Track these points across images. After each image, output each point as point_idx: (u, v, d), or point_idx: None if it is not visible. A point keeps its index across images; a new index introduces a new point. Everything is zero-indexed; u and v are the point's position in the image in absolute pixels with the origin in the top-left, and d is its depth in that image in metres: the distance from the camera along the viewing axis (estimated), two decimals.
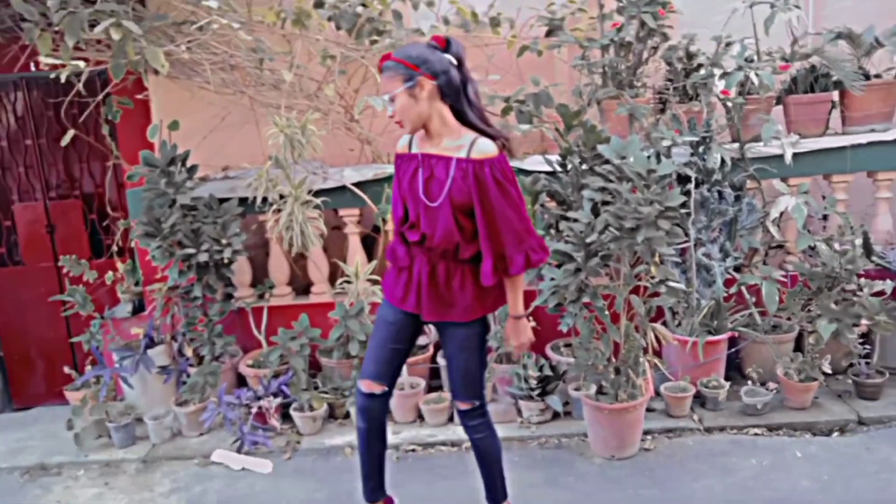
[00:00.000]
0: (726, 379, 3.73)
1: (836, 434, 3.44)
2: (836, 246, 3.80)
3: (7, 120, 4.60)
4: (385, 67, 2.29)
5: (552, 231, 3.68)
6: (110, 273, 4.24)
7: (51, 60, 3.11)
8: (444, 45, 2.32)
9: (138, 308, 4.28)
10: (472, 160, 2.28)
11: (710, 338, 3.66)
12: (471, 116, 2.33)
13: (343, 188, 3.95)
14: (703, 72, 3.87)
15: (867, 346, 3.67)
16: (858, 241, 3.77)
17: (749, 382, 3.69)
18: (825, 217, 4.08)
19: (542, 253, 2.37)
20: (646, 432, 3.45)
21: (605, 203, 3.21)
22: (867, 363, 3.65)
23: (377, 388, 2.53)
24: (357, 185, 3.95)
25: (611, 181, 3.19)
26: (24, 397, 4.75)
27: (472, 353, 2.48)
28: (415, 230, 2.41)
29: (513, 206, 2.29)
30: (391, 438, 3.55)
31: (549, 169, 3.81)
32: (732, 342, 3.84)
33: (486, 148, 2.28)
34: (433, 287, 2.40)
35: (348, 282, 3.91)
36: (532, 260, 2.33)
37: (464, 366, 2.49)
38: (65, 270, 4.16)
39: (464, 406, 2.55)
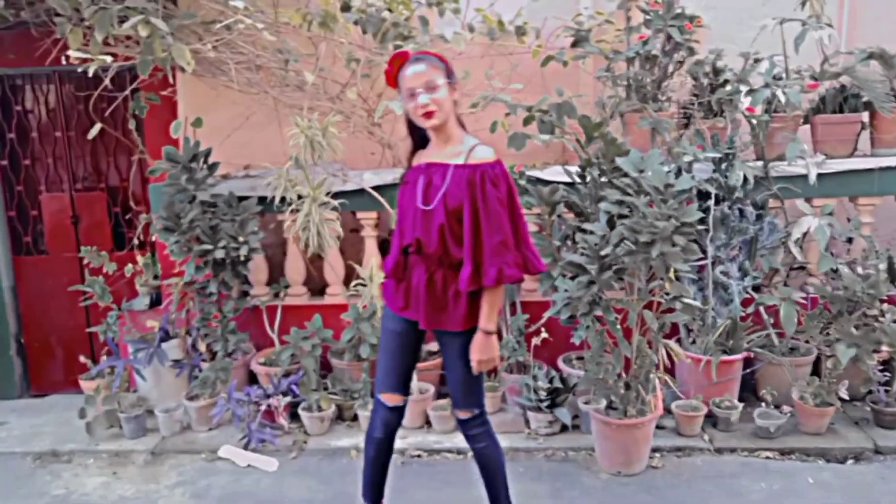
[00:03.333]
0: (740, 400, 3.67)
1: (850, 462, 3.36)
2: (860, 269, 3.73)
3: (39, 111, 4.70)
4: (420, 58, 2.32)
5: (568, 242, 3.66)
6: (130, 265, 4.29)
7: (79, 54, 3.17)
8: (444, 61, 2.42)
9: (156, 301, 4.34)
10: (468, 165, 2.30)
11: (725, 357, 3.60)
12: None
13: (362, 191, 3.96)
14: (729, 88, 3.82)
15: (887, 374, 3.58)
16: (883, 266, 3.70)
17: (763, 404, 3.62)
18: (850, 240, 4.00)
19: (516, 271, 2.29)
20: (654, 450, 3.40)
21: (622, 216, 3.19)
22: (886, 391, 3.56)
23: (399, 401, 2.56)
24: (376, 188, 3.97)
25: (628, 194, 3.17)
26: (42, 384, 4.83)
27: (465, 361, 2.43)
28: (411, 236, 2.41)
29: (496, 216, 2.26)
30: (398, 443, 3.51)
31: (567, 180, 3.79)
32: (748, 363, 3.78)
33: (483, 154, 2.31)
34: (430, 295, 2.39)
35: (363, 284, 3.91)
36: (504, 274, 2.26)
37: (461, 374, 2.46)
38: (86, 261, 4.23)
39: (463, 415, 2.54)
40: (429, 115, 2.28)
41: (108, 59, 3.20)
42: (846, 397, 3.49)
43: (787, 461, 3.38)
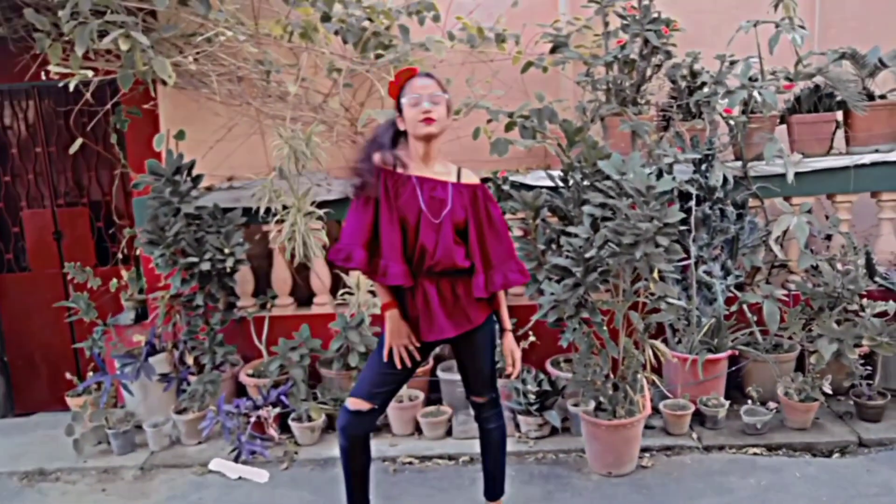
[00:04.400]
0: (726, 398, 3.71)
1: (836, 455, 3.41)
2: (839, 266, 3.80)
3: (18, 127, 4.67)
4: (429, 74, 2.48)
5: (553, 246, 3.69)
6: (114, 280, 4.27)
7: (59, 69, 3.16)
8: None
9: (141, 316, 4.32)
10: (466, 185, 2.51)
11: (711, 356, 3.65)
12: None
13: (347, 199, 3.94)
14: (706, 90, 3.88)
15: (869, 368, 3.64)
16: (861, 262, 3.77)
17: (749, 401, 3.67)
18: (828, 237, 4.07)
19: (519, 275, 2.54)
20: (644, 449, 3.43)
21: (606, 219, 3.22)
22: (869, 384, 3.62)
23: (365, 406, 2.50)
24: None
25: (611, 197, 3.21)
26: (26, 402, 4.77)
27: (488, 350, 2.64)
28: (414, 250, 2.45)
29: (500, 229, 2.53)
30: (389, 451, 3.58)
31: (551, 184, 3.82)
32: (733, 361, 3.82)
33: (472, 174, 2.56)
34: (445, 306, 2.50)
35: (350, 293, 3.92)
36: (509, 279, 2.51)
37: (483, 364, 2.64)
38: (69, 277, 4.20)
39: (482, 399, 2.70)
40: (429, 120, 2.38)
41: (90, 73, 3.18)
42: (830, 392, 3.54)
43: (775, 457, 3.42)
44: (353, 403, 2.52)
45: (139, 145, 4.33)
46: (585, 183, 3.57)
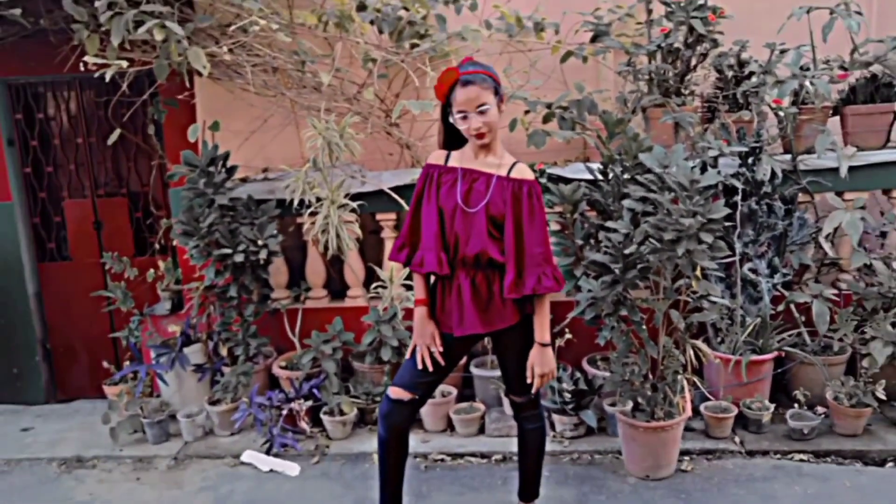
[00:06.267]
0: (771, 401, 3.56)
1: (889, 465, 3.25)
2: (895, 265, 3.61)
3: (60, 118, 4.73)
4: (476, 78, 2.31)
5: (591, 241, 3.59)
6: (151, 270, 4.30)
7: (95, 60, 3.17)
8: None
9: (177, 306, 4.34)
10: (514, 179, 2.40)
11: (755, 357, 3.50)
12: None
13: (380, 192, 3.92)
14: (754, 80, 3.72)
15: None
16: None
17: (796, 405, 3.52)
18: (883, 234, 3.87)
19: (553, 283, 2.40)
20: (683, 453, 3.32)
21: (646, 214, 3.11)
22: None
23: (406, 396, 2.51)
24: (395, 189, 3.92)
25: (652, 191, 3.09)
26: (68, 389, 4.86)
27: (522, 350, 2.51)
28: (449, 239, 2.44)
29: (540, 230, 2.40)
30: (420, 447, 3.53)
31: (590, 177, 3.72)
32: (779, 362, 3.67)
33: (526, 171, 2.43)
34: (477, 301, 2.44)
35: (383, 286, 3.88)
36: (542, 284, 2.38)
37: (517, 363, 2.53)
38: (107, 266, 4.25)
39: (520, 399, 2.63)
40: (480, 136, 2.36)
41: (125, 63, 3.19)
42: (883, 397, 3.37)
43: (822, 464, 3.28)
44: (395, 392, 2.52)
45: (176, 136, 4.34)
46: (626, 176, 3.45)
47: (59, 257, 4.83)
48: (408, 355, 2.59)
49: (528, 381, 2.49)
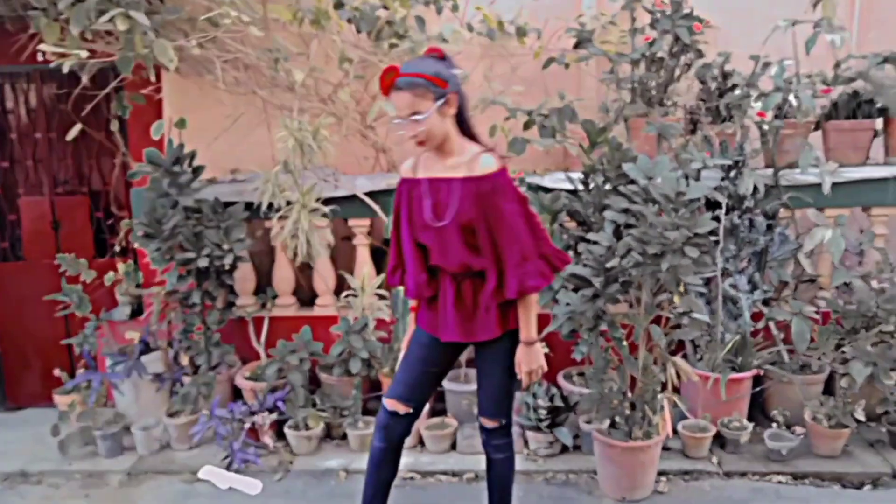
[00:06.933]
0: (749, 420, 3.49)
1: (867, 487, 3.18)
2: (874, 283, 3.57)
3: (18, 112, 4.50)
4: (408, 84, 2.13)
5: (570, 253, 3.48)
6: (110, 273, 4.09)
7: (52, 49, 2.98)
8: (443, 56, 2.25)
9: (137, 311, 4.14)
10: (475, 178, 2.21)
11: (734, 375, 3.42)
12: (472, 130, 2.32)
13: (354, 197, 3.78)
14: (738, 92, 3.67)
15: None
16: None
17: (774, 425, 3.45)
18: (862, 252, 3.83)
19: (538, 279, 2.24)
20: (660, 473, 3.21)
21: (629, 226, 3.02)
22: None
23: (402, 409, 2.43)
24: (369, 194, 3.79)
25: (636, 203, 3.00)
26: (18, 396, 4.61)
27: (500, 369, 2.39)
28: (431, 256, 2.36)
29: (513, 225, 2.21)
30: None
31: (570, 187, 3.62)
32: (757, 381, 3.60)
33: (487, 163, 2.21)
34: (459, 308, 2.34)
35: (354, 295, 3.73)
36: (526, 285, 2.22)
37: (493, 382, 2.42)
38: (62, 268, 4.03)
39: (490, 424, 2.47)
40: (419, 143, 2.22)
41: (84, 53, 3.01)
42: (862, 418, 3.31)
43: (801, 486, 3.20)
44: (391, 404, 2.43)
45: (141, 133, 4.15)
46: (608, 187, 3.36)
47: (12, 257, 4.59)
48: (397, 367, 2.52)
49: (519, 377, 2.37)
